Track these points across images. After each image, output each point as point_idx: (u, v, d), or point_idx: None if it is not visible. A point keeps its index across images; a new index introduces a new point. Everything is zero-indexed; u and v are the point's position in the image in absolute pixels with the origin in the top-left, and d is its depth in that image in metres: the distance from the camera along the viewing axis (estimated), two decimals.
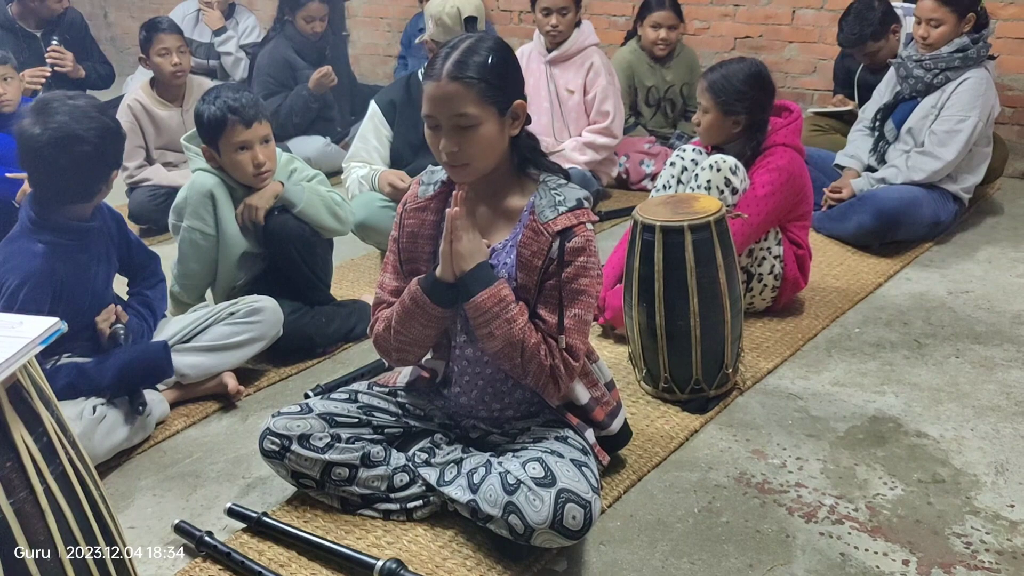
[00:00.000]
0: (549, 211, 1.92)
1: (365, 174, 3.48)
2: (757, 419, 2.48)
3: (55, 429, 1.42)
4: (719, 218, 2.44)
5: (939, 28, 3.51)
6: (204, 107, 2.71)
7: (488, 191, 2.01)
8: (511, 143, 1.96)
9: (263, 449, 2.11)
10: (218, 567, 1.99)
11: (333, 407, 2.15)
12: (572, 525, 1.80)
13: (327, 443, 2.08)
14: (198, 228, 2.79)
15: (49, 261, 2.35)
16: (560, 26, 4.09)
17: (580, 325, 1.96)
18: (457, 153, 1.87)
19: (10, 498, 1.32)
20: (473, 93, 1.84)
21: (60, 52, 4.66)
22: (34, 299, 2.29)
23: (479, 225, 2.00)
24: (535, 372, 1.95)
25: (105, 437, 2.35)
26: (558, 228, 1.90)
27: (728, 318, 2.49)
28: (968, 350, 2.80)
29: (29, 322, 1.40)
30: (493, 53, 1.88)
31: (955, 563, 1.92)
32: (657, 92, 4.64)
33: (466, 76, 1.84)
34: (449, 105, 1.85)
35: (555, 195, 1.94)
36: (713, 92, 2.85)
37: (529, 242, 1.93)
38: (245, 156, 2.72)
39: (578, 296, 1.94)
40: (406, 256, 2.07)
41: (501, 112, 1.89)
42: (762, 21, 4.95)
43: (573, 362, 1.97)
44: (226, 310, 2.69)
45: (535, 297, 1.96)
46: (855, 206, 3.59)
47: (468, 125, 1.85)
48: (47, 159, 2.28)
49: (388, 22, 6.37)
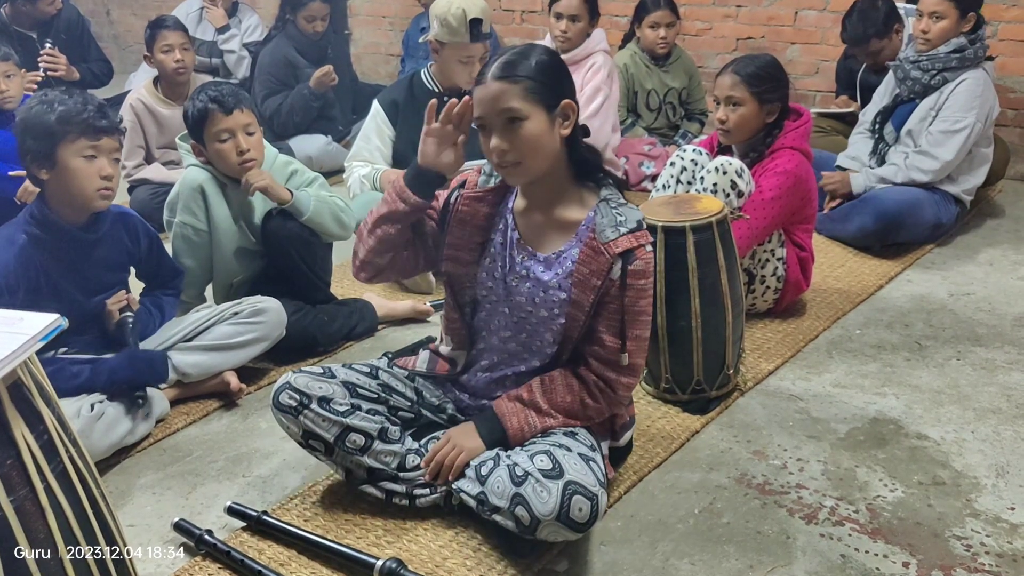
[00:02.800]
0: (610, 231, 1.94)
1: (367, 173, 3.48)
2: (758, 420, 2.48)
3: (56, 427, 1.42)
4: (721, 219, 2.44)
5: (940, 23, 3.51)
6: (188, 103, 2.75)
7: (545, 198, 2.02)
8: (566, 147, 1.97)
9: (278, 402, 2.07)
10: (217, 566, 1.99)
11: (355, 378, 2.14)
12: (578, 517, 1.80)
13: (347, 409, 2.07)
14: (190, 223, 2.80)
15: (27, 251, 2.37)
16: (569, 32, 4.11)
17: (642, 344, 2.03)
18: (507, 152, 1.90)
19: (10, 496, 1.32)
20: (519, 89, 1.88)
21: (53, 56, 4.59)
22: (5, 284, 2.32)
23: (534, 232, 2.04)
24: (591, 419, 2.07)
25: (104, 435, 2.35)
26: (619, 250, 1.92)
27: (730, 319, 2.49)
28: (969, 352, 2.80)
29: (29, 318, 1.40)
30: (539, 56, 1.92)
31: (955, 566, 1.92)
32: (657, 95, 4.64)
33: (512, 75, 1.88)
34: (495, 103, 1.88)
35: (616, 215, 1.96)
36: (749, 83, 2.85)
37: (588, 260, 1.95)
38: (228, 145, 2.72)
39: (639, 317, 1.99)
40: (451, 240, 2.08)
41: (549, 109, 1.90)
42: (764, 22, 4.95)
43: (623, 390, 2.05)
44: (230, 310, 2.69)
45: (590, 314, 1.98)
46: (856, 208, 3.59)
47: (515, 119, 1.88)
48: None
49: (390, 21, 6.37)
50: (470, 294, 2.12)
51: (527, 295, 2.04)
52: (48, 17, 4.79)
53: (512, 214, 2.07)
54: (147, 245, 2.66)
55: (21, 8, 4.68)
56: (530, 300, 2.04)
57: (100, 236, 2.50)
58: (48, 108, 2.32)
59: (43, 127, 2.32)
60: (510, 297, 2.06)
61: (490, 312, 2.11)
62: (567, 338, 2.04)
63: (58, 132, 2.32)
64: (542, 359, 2.10)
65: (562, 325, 2.03)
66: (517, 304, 2.06)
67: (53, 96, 2.36)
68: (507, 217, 2.07)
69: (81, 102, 2.35)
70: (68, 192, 2.38)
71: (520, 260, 2.05)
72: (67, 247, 2.44)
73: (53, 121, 2.31)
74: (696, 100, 4.74)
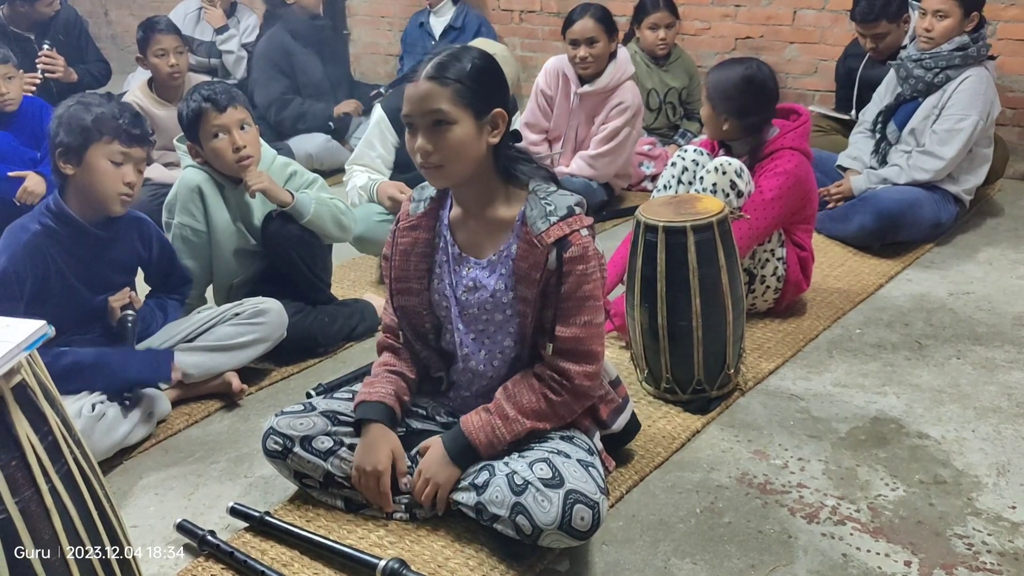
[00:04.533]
0: (541, 222, 1.92)
1: (364, 184, 3.42)
2: (759, 420, 2.49)
3: (60, 428, 1.42)
4: (722, 219, 2.45)
5: (944, 21, 3.51)
6: (183, 104, 2.76)
7: (476, 203, 2.02)
8: (493, 153, 1.96)
9: (266, 449, 2.12)
10: (220, 566, 1.99)
11: (336, 405, 2.16)
12: (580, 526, 1.80)
13: (329, 448, 2.09)
14: (188, 224, 2.80)
15: (38, 241, 2.40)
16: (589, 57, 3.90)
17: (592, 330, 1.98)
18: (432, 154, 1.89)
19: (15, 497, 1.33)
20: (448, 92, 1.86)
21: (51, 57, 4.56)
22: (14, 270, 2.35)
23: (473, 240, 2.03)
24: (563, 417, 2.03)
25: (105, 435, 2.36)
26: (552, 239, 1.90)
27: (730, 319, 2.49)
28: (969, 351, 2.80)
29: (14, 325, 1.38)
30: (474, 60, 1.90)
31: (957, 564, 1.93)
32: (657, 95, 4.64)
33: (443, 76, 1.87)
34: (424, 102, 1.87)
35: (545, 205, 1.93)
36: (707, 89, 2.91)
37: (525, 255, 1.94)
38: (223, 142, 2.72)
39: (584, 303, 1.95)
40: (397, 275, 2.09)
41: (478, 116, 1.89)
42: (763, 22, 4.95)
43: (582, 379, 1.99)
44: (231, 311, 2.69)
45: (536, 307, 1.97)
46: (856, 207, 3.59)
47: (441, 122, 1.87)
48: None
49: (389, 21, 6.37)
50: (429, 320, 2.12)
51: (478, 304, 2.04)
52: (46, 18, 4.76)
53: (449, 229, 2.07)
54: (158, 251, 2.68)
55: (19, 9, 4.65)
56: (482, 309, 2.04)
57: (112, 236, 2.52)
58: (86, 108, 2.39)
59: (79, 125, 2.37)
60: (464, 311, 2.06)
61: (451, 331, 2.11)
62: (523, 336, 2.03)
63: (93, 132, 2.37)
64: (507, 364, 2.09)
65: (517, 324, 2.03)
66: (472, 316, 2.06)
67: (92, 98, 2.43)
68: (444, 235, 2.07)
69: (119, 108, 2.43)
70: (90, 191, 2.42)
71: (465, 272, 2.04)
72: (79, 242, 2.46)
73: (90, 121, 2.37)
74: (696, 100, 4.74)
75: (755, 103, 2.85)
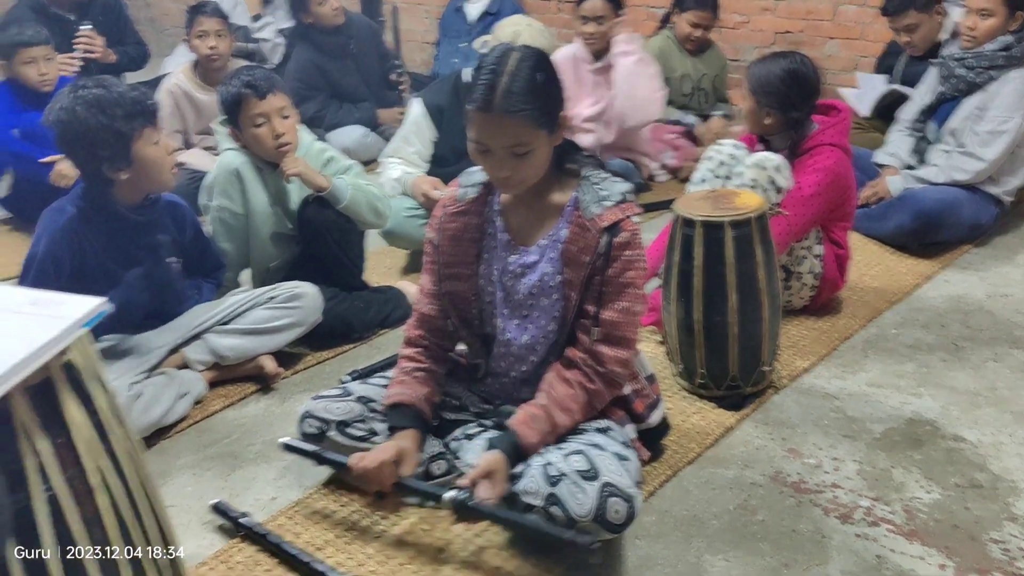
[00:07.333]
0: (595, 207, 1.93)
1: (399, 176, 3.44)
2: (793, 418, 2.47)
3: (107, 408, 1.44)
4: (760, 215, 2.43)
5: (988, 20, 3.46)
6: (223, 88, 2.78)
7: (530, 190, 2.02)
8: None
9: (303, 432, 2.13)
10: (255, 548, 2.01)
11: (372, 392, 2.18)
12: (615, 519, 1.81)
13: (362, 435, 2.11)
14: (227, 207, 2.82)
15: (74, 224, 2.41)
16: (597, 33, 4.05)
17: (630, 317, 1.98)
18: (511, 177, 1.91)
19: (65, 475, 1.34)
20: (522, 120, 1.85)
21: (90, 37, 4.57)
22: (53, 254, 2.37)
23: (523, 225, 2.04)
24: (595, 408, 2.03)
25: (142, 414, 2.39)
26: (605, 224, 1.92)
27: (766, 315, 2.48)
28: (1007, 355, 2.77)
29: (71, 302, 1.38)
30: (536, 73, 1.87)
31: (992, 569, 1.91)
32: (691, 80, 4.62)
33: (518, 109, 1.84)
34: (501, 137, 1.86)
35: (599, 190, 1.95)
36: (749, 82, 2.88)
37: (576, 238, 1.95)
38: (264, 130, 2.74)
39: (626, 289, 1.96)
40: (447, 260, 2.09)
41: (550, 131, 1.91)
42: (803, 16, 4.90)
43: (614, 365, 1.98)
44: (266, 294, 2.71)
45: (580, 291, 1.97)
46: (895, 206, 3.55)
47: (523, 153, 1.88)
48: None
49: (426, 9, 6.36)
50: (476, 306, 2.12)
51: (525, 289, 2.04)
52: None
53: (499, 215, 2.07)
54: (192, 235, 2.71)
55: None
56: (529, 294, 2.04)
57: (148, 220, 2.54)
58: (99, 111, 2.31)
59: (112, 131, 2.32)
60: (510, 297, 2.07)
61: (496, 316, 2.10)
62: (565, 320, 2.03)
63: (127, 131, 2.34)
64: (548, 348, 2.08)
65: (561, 307, 2.02)
66: (517, 302, 2.06)
67: (87, 97, 2.31)
68: (494, 220, 2.08)
69: (120, 92, 2.37)
70: (146, 181, 2.43)
71: (514, 259, 2.05)
72: (114, 226, 2.48)
73: (120, 121, 2.33)
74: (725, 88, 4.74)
75: (798, 96, 2.83)
